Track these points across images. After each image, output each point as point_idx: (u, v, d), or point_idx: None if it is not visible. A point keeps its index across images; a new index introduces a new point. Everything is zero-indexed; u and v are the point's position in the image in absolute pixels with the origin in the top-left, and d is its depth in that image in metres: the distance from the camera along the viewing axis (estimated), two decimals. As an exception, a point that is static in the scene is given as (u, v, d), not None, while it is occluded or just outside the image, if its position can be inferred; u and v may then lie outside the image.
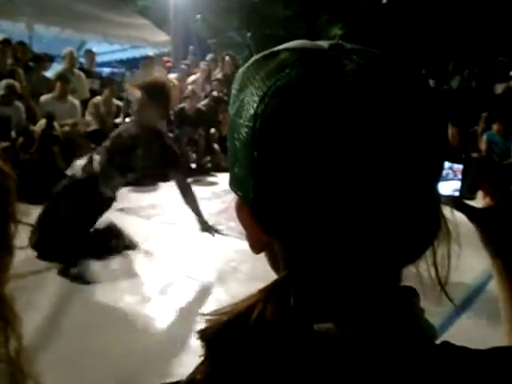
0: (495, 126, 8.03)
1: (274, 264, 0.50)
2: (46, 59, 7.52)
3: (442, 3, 13.62)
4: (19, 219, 0.82)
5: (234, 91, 0.50)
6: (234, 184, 0.49)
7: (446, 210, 0.50)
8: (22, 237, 0.81)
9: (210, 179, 7.37)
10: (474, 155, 0.68)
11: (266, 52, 0.49)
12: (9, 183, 0.80)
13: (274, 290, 0.46)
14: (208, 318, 0.46)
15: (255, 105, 0.44)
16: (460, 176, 0.70)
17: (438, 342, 0.47)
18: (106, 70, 10.75)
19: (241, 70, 0.51)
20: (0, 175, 0.79)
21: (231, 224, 4.84)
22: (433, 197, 0.46)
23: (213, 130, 8.13)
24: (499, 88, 9.79)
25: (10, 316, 0.77)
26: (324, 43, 0.48)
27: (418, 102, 0.45)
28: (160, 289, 3.30)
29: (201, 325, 0.46)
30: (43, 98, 6.52)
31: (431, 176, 0.46)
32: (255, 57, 0.50)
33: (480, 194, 0.70)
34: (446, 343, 0.47)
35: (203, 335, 0.46)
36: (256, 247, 0.51)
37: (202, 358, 0.46)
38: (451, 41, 13.63)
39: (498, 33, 13.08)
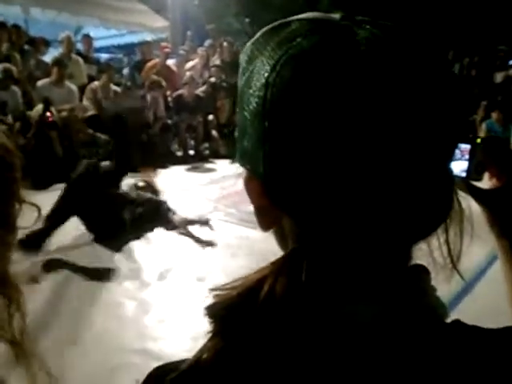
0: (494, 115, 8.02)
1: (282, 241, 0.49)
2: (42, 43, 7.45)
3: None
4: (24, 198, 0.80)
5: (243, 63, 0.49)
6: (243, 158, 0.47)
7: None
8: (26, 217, 0.80)
9: (209, 166, 7.36)
10: (478, 140, 0.66)
11: (276, 23, 0.48)
12: (13, 160, 0.78)
13: (284, 263, 0.45)
14: (217, 293, 0.45)
15: (266, 74, 0.43)
16: (467, 156, 0.70)
17: (448, 321, 0.46)
18: (104, 56, 10.66)
19: (250, 42, 0.49)
20: (5, 152, 0.77)
21: (230, 210, 4.85)
22: (446, 174, 0.45)
23: (211, 117, 8.09)
24: (499, 77, 9.78)
25: (14, 294, 0.76)
26: (335, 14, 0.47)
27: (434, 74, 0.43)
28: (159, 274, 3.30)
29: (208, 300, 0.44)
30: (40, 82, 6.47)
31: (445, 152, 0.44)
32: (265, 28, 0.49)
33: (486, 175, 0.70)
34: (457, 322, 0.47)
35: (212, 311, 0.44)
36: (264, 223, 0.49)
37: (210, 335, 0.45)
38: (451, 29, 13.56)
39: (497, 21, 13.01)
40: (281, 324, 0.43)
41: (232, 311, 0.44)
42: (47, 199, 4.06)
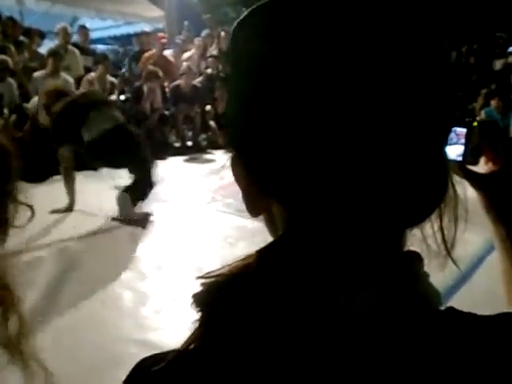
0: (494, 103, 7.99)
1: (272, 227, 0.48)
2: (37, 34, 7.39)
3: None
4: (19, 199, 0.79)
5: (230, 46, 0.46)
6: (230, 142, 0.46)
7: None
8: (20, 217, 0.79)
9: (207, 156, 7.34)
10: (474, 124, 0.65)
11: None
12: (10, 161, 0.77)
13: (269, 250, 0.44)
14: (203, 281, 0.44)
15: (233, 31, 0.42)
16: (463, 140, 0.68)
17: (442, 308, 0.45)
18: (100, 47, 10.60)
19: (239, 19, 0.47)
20: (1, 153, 0.76)
21: (228, 201, 4.83)
22: (440, 157, 0.43)
23: (208, 107, 8.06)
24: (498, 64, 9.73)
25: (9, 298, 0.74)
26: None
27: (427, 48, 0.41)
28: (157, 265, 3.29)
29: (196, 289, 0.43)
30: (36, 74, 6.43)
31: (439, 133, 0.42)
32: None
33: (483, 159, 0.68)
34: (451, 309, 0.45)
35: (198, 299, 0.43)
36: (254, 209, 0.47)
37: (197, 324, 0.43)
38: (449, 17, 13.47)
39: (495, 8, 12.95)
40: (268, 311, 0.41)
41: (217, 298, 0.42)
42: (44, 192, 4.06)
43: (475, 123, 0.68)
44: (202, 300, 0.43)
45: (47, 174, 5.41)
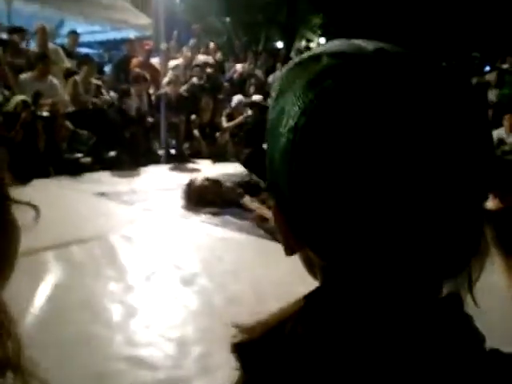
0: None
1: (310, 268, 0.51)
2: (21, 32, 7.30)
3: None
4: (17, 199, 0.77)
5: (273, 94, 0.50)
6: (270, 188, 0.49)
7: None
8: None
9: (191, 166, 7.34)
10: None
11: (306, 55, 0.49)
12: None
13: (307, 304, 0.47)
14: (240, 330, 0.48)
15: (296, 117, 0.44)
16: None
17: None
18: (85, 51, 10.52)
19: (281, 73, 0.51)
20: None
21: (213, 211, 4.83)
22: (478, 213, 0.45)
23: (193, 117, 8.07)
24: (474, 82, 10.03)
25: (4, 321, 0.73)
26: (368, 45, 0.46)
27: (470, 117, 0.44)
28: (144, 277, 3.27)
29: (234, 337, 0.47)
30: (22, 76, 6.36)
31: (478, 189, 0.44)
32: (296, 59, 0.50)
33: (490, 196, 0.71)
34: (495, 350, 0.47)
35: (237, 349, 0.47)
36: (289, 250, 0.51)
37: (239, 373, 0.48)
38: (428, 36, 13.78)
39: (471, 29, 13.28)
40: (302, 365, 0.44)
41: (255, 351, 0.46)
42: (25, 194, 3.99)
43: None
44: (241, 351, 0.47)
45: (30, 176, 5.33)
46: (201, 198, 4.80)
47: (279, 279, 3.33)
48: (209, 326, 2.71)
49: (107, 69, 8.96)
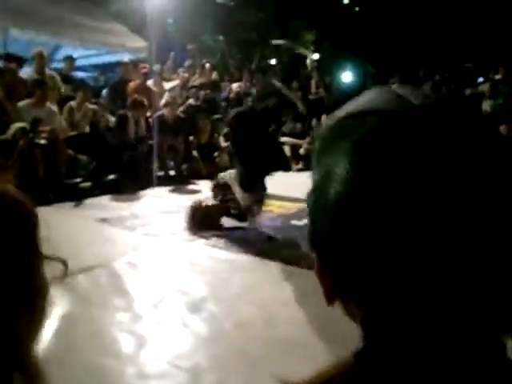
0: None
1: (350, 314, 0.51)
2: (17, 59, 7.34)
3: (411, 12, 13.90)
4: (47, 254, 0.76)
5: (316, 150, 0.51)
6: (313, 241, 0.50)
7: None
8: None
9: (191, 187, 7.32)
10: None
11: (345, 113, 0.49)
12: (30, 215, 0.74)
13: (357, 363, 0.48)
14: None
15: (344, 181, 0.45)
16: None
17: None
18: (81, 74, 10.58)
19: (320, 132, 0.52)
20: (20, 206, 0.72)
21: (216, 234, 4.82)
22: None
23: (192, 138, 8.09)
24: (468, 93, 10.16)
25: (35, 377, 0.72)
26: (412, 99, 0.46)
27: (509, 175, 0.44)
28: (152, 305, 3.24)
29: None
30: (21, 103, 6.37)
31: None
32: (335, 117, 0.50)
33: None
34: None
35: None
36: (331, 301, 0.51)
37: None
38: (422, 48, 13.91)
39: (464, 41, 13.44)
40: None
41: None
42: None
43: None
44: None
45: (47, 201, 5.31)
46: (205, 222, 4.80)
47: (287, 301, 3.32)
48: (220, 352, 2.69)
49: (104, 92, 8.98)
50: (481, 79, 10.98)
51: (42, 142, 5.90)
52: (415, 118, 0.44)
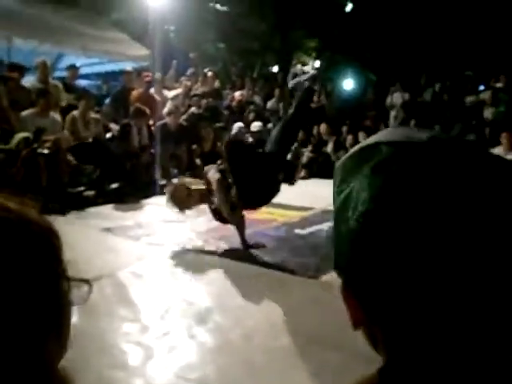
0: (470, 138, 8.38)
1: (373, 342, 0.53)
2: (19, 68, 7.36)
3: (412, 20, 13.95)
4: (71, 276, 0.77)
5: (336, 180, 0.55)
6: (338, 267, 0.53)
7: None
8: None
9: (194, 196, 7.31)
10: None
11: (363, 145, 0.54)
12: (54, 240, 0.74)
13: (381, 380, 0.50)
14: None
15: (366, 202, 0.48)
16: None
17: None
18: (83, 82, 10.61)
19: (341, 162, 0.56)
20: (44, 231, 0.73)
21: (221, 244, 4.82)
22: None
23: (195, 146, 8.10)
24: (469, 100, 10.18)
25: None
26: (422, 134, 0.50)
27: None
28: (159, 316, 3.24)
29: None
30: (24, 113, 6.39)
31: None
32: (355, 149, 0.55)
33: None
34: None
35: None
36: (356, 325, 0.53)
37: None
38: (422, 55, 13.95)
39: (464, 49, 13.48)
40: None
41: None
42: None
43: None
44: None
45: (51, 211, 5.30)
46: (183, 203, 4.77)
47: (292, 310, 3.32)
48: (228, 363, 2.69)
49: (106, 100, 9.00)
50: (482, 87, 11.01)
51: (45, 151, 5.90)
52: (423, 148, 0.49)
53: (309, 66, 17.75)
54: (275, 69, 16.93)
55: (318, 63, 17.36)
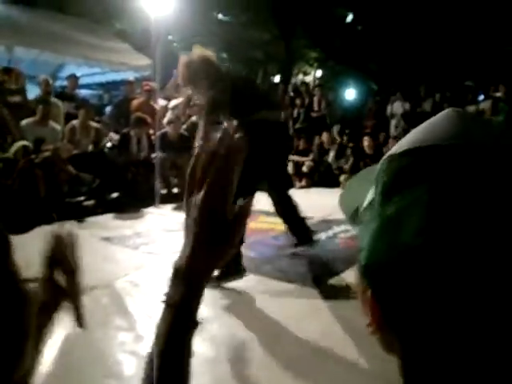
0: None
1: (388, 348, 0.52)
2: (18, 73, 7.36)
3: (413, 30, 14.02)
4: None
5: (383, 185, 0.51)
6: (367, 271, 0.51)
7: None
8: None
9: (194, 205, 7.30)
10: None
11: (422, 143, 0.49)
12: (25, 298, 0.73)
13: None
14: None
15: (423, 222, 0.46)
16: None
17: None
18: (84, 92, 10.66)
19: (391, 162, 0.52)
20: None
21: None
22: None
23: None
24: (469, 110, 10.20)
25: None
26: (440, 139, 0.48)
27: None
28: (155, 325, 3.20)
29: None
30: (24, 122, 6.41)
31: None
32: (407, 147, 0.50)
33: None
34: None
35: None
36: (375, 332, 0.52)
37: None
38: (423, 65, 14.01)
39: (464, 59, 13.53)
40: None
41: None
42: (27, 244, 3.96)
43: None
44: None
45: (32, 224, 5.30)
46: None
47: (287, 319, 3.29)
48: (224, 373, 2.66)
49: (107, 109, 9.03)
50: (481, 97, 11.05)
51: (43, 160, 5.91)
52: (490, 157, 0.46)
53: (310, 76, 17.84)
54: (277, 78, 17.01)
55: (319, 72, 17.43)
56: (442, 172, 0.46)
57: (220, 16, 15.48)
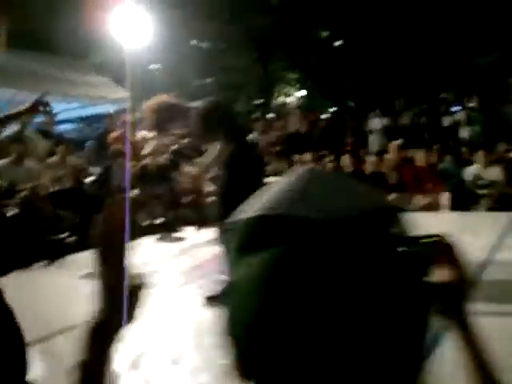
0: (448, 158, 8.63)
1: None
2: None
3: (388, 48, 14.23)
4: None
5: (237, 244, 0.55)
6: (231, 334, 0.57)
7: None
8: None
9: (177, 235, 7.30)
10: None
11: (262, 213, 0.53)
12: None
13: None
14: None
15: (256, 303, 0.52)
16: None
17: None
18: (65, 127, 10.68)
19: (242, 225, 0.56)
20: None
21: (202, 282, 4.76)
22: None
23: (176, 184, 8.12)
24: (446, 121, 10.44)
25: None
26: (284, 209, 0.52)
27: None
28: (131, 361, 3.19)
29: None
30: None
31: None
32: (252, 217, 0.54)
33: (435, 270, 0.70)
34: None
35: None
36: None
37: None
38: (398, 81, 14.22)
39: (438, 73, 13.77)
40: None
41: None
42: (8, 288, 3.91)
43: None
44: None
45: (10, 268, 5.24)
46: None
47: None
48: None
49: (87, 143, 9.03)
50: (458, 107, 11.27)
51: (12, 212, 5.84)
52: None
53: (292, 97, 18.00)
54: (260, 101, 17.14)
55: (302, 93, 17.59)
56: (278, 242, 0.50)
57: (194, 42, 15.65)
